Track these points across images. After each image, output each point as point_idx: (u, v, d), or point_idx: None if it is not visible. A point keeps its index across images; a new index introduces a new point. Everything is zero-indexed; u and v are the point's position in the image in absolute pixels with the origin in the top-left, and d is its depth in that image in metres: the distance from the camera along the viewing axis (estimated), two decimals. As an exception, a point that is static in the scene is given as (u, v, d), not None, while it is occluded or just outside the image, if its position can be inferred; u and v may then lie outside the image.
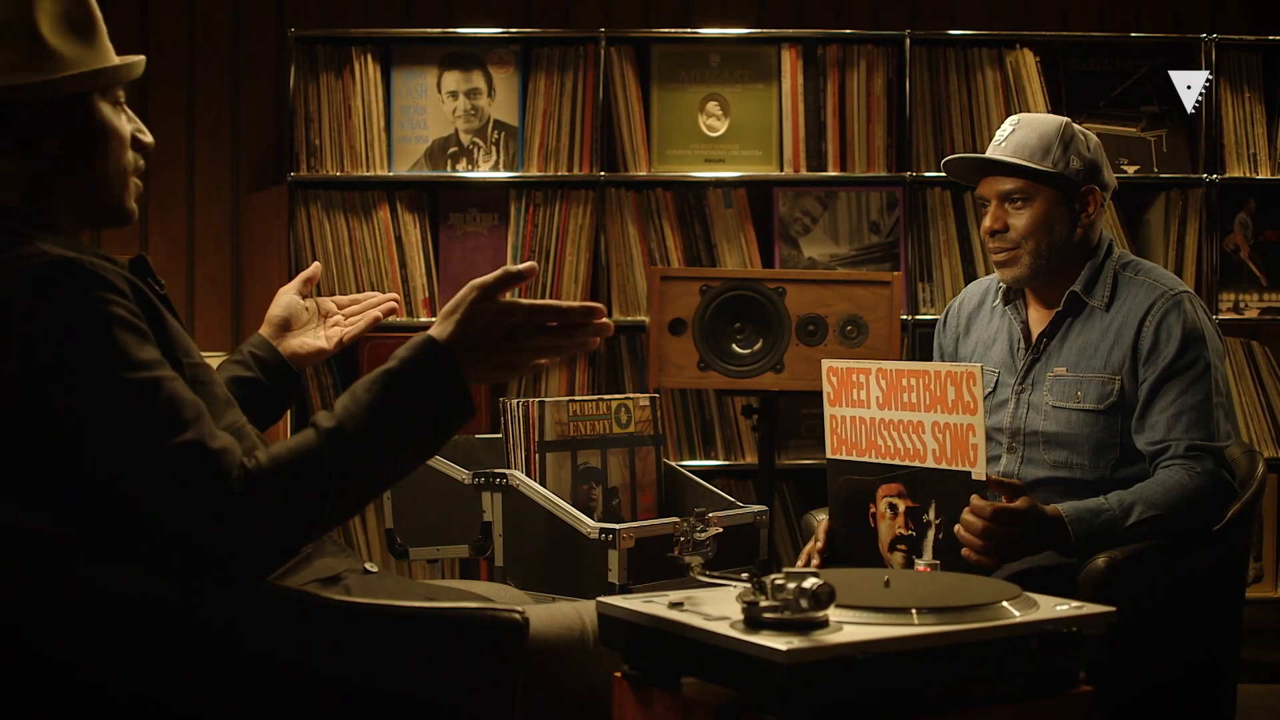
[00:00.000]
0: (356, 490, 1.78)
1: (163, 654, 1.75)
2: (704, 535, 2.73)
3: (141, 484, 1.67)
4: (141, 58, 1.96)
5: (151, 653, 1.74)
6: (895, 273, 3.69)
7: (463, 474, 2.87)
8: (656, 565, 2.62)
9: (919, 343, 4.25)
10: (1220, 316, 4.30)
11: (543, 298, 4.24)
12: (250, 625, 1.78)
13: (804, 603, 1.67)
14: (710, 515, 2.74)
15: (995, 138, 2.74)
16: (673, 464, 3.07)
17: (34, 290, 1.69)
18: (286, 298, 2.38)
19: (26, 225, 1.81)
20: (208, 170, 4.62)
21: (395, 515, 3.03)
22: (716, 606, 1.82)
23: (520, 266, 1.84)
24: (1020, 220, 2.67)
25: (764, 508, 2.86)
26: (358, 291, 4.21)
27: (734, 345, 3.63)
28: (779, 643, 1.63)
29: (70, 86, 1.84)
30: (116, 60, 1.91)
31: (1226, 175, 4.34)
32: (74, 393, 1.67)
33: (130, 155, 1.94)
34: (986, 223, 2.71)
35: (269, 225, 4.47)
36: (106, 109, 1.89)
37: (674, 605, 1.85)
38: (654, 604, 1.87)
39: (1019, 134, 2.69)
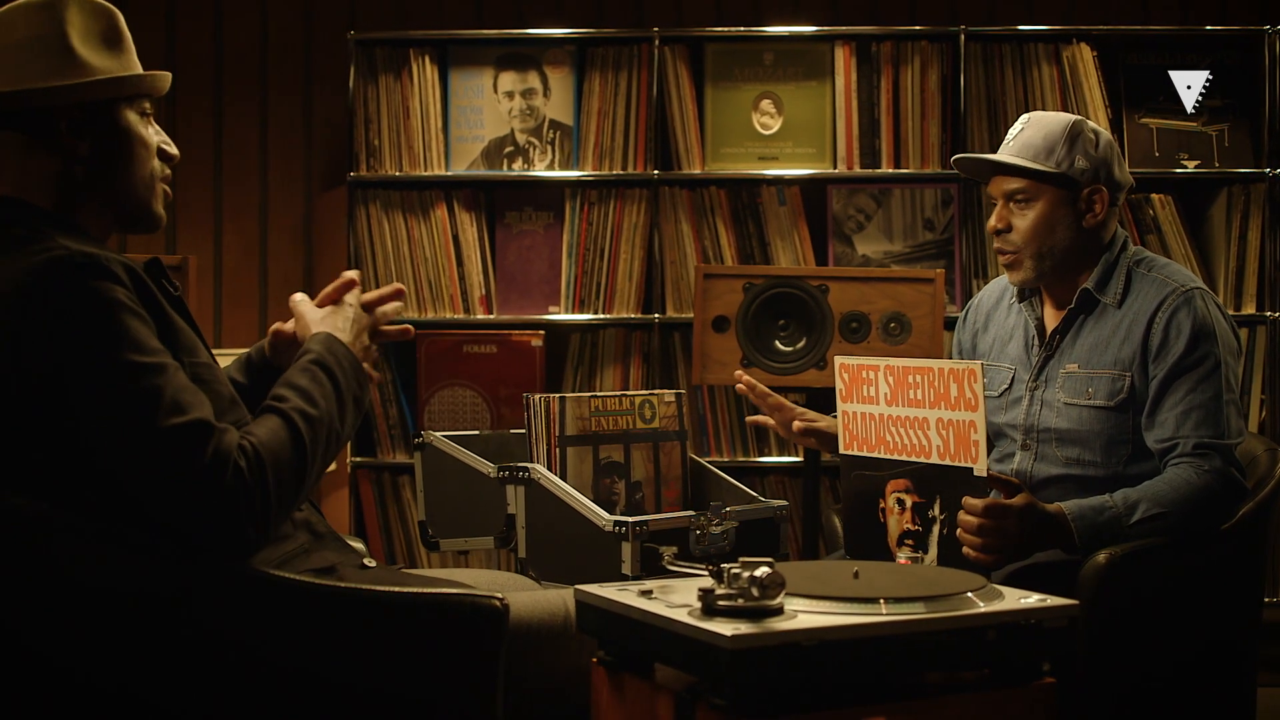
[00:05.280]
0: (322, 466, 1.99)
1: (146, 638, 1.82)
2: (719, 529, 2.76)
3: (144, 462, 1.78)
4: (167, 73, 2.08)
5: (134, 636, 1.82)
6: (938, 270, 3.68)
7: (489, 468, 2.93)
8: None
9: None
10: (1283, 314, 4.22)
11: (598, 297, 4.32)
12: (236, 610, 1.85)
13: (755, 590, 1.70)
14: (727, 509, 2.77)
15: (1006, 136, 2.73)
16: (699, 459, 3.10)
17: (51, 280, 1.80)
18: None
19: (52, 226, 1.92)
20: (280, 170, 4.72)
21: (427, 508, 3.10)
22: (683, 595, 1.86)
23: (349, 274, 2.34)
24: (1023, 221, 2.67)
25: (784, 502, 2.88)
26: (417, 291, 4.31)
27: (777, 342, 3.64)
28: (726, 629, 1.66)
29: (99, 91, 1.96)
30: (142, 72, 2.02)
31: (1290, 170, 4.26)
32: (83, 376, 1.78)
33: (156, 163, 2.06)
34: (991, 221, 2.71)
35: (339, 224, 4.57)
36: (133, 118, 2.02)
37: (644, 594, 1.89)
38: (626, 592, 1.91)
39: (1026, 133, 2.68)
